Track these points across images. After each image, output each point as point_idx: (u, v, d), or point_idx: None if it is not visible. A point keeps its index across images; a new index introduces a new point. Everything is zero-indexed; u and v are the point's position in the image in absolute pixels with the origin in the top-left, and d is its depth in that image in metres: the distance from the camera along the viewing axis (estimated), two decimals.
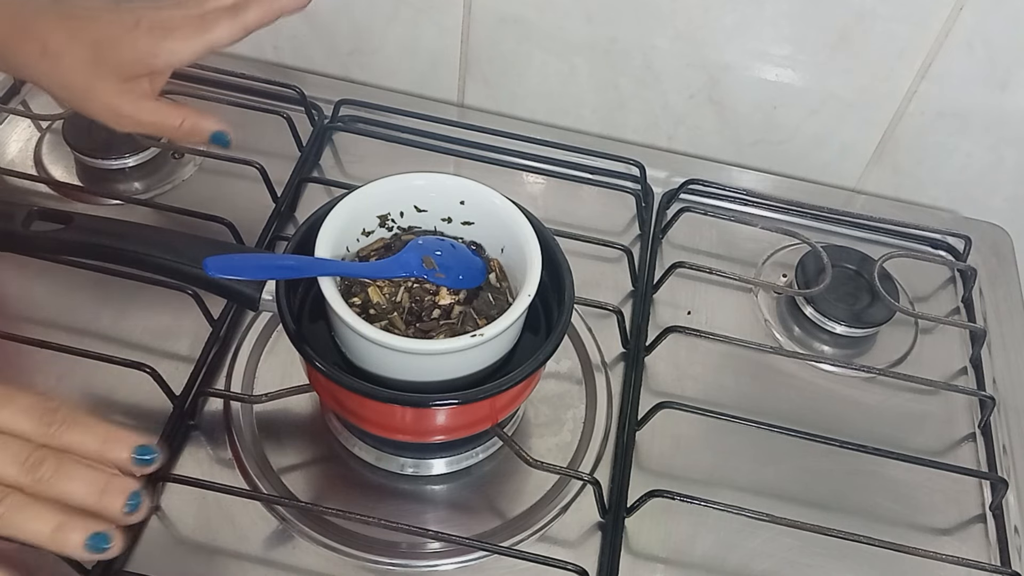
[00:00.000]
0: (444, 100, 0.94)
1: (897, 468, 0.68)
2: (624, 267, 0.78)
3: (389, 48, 0.91)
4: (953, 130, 0.86)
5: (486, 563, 0.61)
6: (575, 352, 0.73)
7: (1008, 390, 0.77)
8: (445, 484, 0.65)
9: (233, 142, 0.62)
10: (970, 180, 0.90)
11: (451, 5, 0.86)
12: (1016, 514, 0.69)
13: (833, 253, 0.80)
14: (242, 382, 0.68)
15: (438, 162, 0.84)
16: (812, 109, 0.87)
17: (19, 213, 0.59)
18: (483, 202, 0.62)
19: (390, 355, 0.55)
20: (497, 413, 0.60)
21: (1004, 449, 0.73)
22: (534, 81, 0.90)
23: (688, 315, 0.77)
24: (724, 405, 0.70)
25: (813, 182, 0.92)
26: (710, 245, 0.84)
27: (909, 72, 0.82)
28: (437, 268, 0.59)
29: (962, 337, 0.80)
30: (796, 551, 0.65)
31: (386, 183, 0.61)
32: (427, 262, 0.59)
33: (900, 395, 0.75)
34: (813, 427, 0.68)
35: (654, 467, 0.68)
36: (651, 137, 0.93)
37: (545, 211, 0.81)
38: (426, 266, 0.58)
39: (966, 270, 0.84)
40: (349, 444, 0.65)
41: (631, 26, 0.84)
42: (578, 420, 0.69)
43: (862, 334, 0.77)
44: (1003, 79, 0.81)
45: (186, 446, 0.64)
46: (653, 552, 0.63)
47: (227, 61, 0.89)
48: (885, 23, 0.79)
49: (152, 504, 0.53)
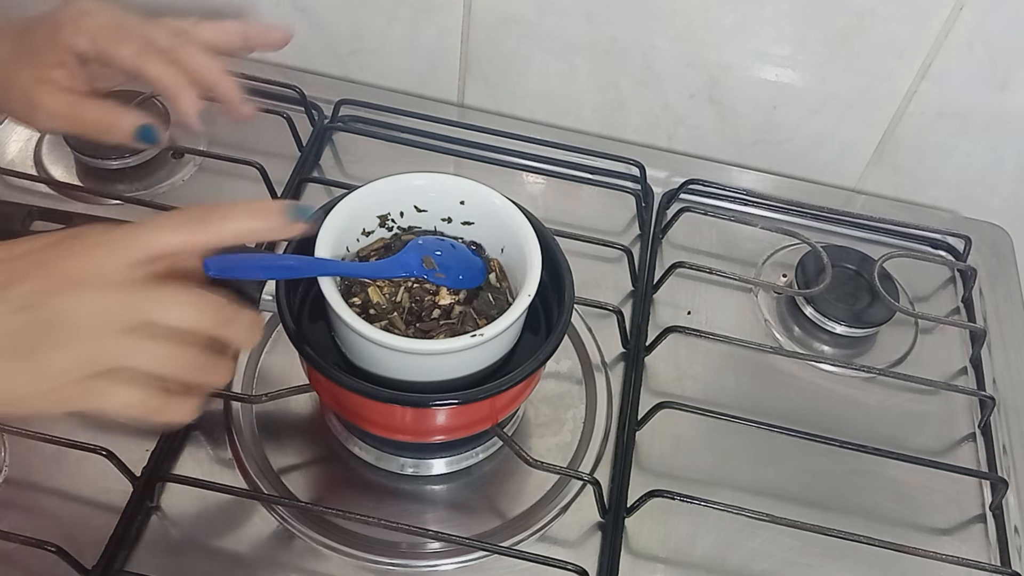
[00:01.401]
0: (444, 100, 0.94)
1: (897, 468, 0.68)
2: (624, 267, 0.78)
3: (389, 48, 0.91)
4: (953, 130, 0.86)
5: (486, 563, 0.61)
6: (575, 352, 0.73)
7: (1008, 390, 0.77)
8: (445, 484, 0.65)
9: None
10: (970, 180, 0.90)
11: (451, 5, 0.86)
12: (1016, 514, 0.69)
13: (833, 253, 0.80)
14: (242, 382, 0.68)
15: (438, 162, 0.84)
16: (812, 109, 0.87)
17: (19, 213, 0.59)
18: (483, 202, 0.62)
19: (390, 355, 0.55)
20: (497, 413, 0.60)
21: (1004, 449, 0.73)
22: (534, 81, 0.90)
23: (688, 315, 0.77)
24: (724, 405, 0.70)
25: (813, 182, 0.92)
26: (710, 245, 0.84)
27: (909, 72, 0.82)
28: (437, 268, 0.59)
29: (962, 337, 0.80)
30: (796, 551, 0.65)
31: (386, 183, 0.61)
32: (427, 262, 0.59)
33: (900, 395, 0.75)
34: (813, 427, 0.68)
35: (654, 467, 0.68)
36: (651, 137, 0.93)
37: (545, 211, 0.81)
38: (426, 266, 0.58)
39: (966, 270, 0.84)
40: (349, 444, 0.65)
41: (631, 26, 0.84)
42: (578, 420, 0.69)
43: (862, 334, 0.77)
44: (1003, 79, 0.81)
45: (186, 446, 0.64)
46: (653, 552, 0.63)
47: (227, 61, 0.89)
48: (885, 23, 0.79)
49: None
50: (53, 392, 0.42)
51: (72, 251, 0.43)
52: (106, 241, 0.43)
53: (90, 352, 0.41)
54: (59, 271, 0.42)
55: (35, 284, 0.42)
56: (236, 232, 0.45)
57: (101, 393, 0.42)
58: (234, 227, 0.45)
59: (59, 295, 0.41)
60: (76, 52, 0.56)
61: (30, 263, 0.43)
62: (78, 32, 0.56)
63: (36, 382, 0.41)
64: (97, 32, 0.56)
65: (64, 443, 0.60)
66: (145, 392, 0.43)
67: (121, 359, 0.42)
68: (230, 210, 0.46)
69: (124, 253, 0.43)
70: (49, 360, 0.41)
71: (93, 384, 0.42)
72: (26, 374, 0.41)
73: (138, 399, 0.43)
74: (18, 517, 0.60)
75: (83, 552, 0.57)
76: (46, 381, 0.41)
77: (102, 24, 0.56)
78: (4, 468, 0.62)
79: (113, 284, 0.42)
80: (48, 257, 0.43)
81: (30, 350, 0.41)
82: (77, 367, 0.41)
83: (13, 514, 0.60)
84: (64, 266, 0.42)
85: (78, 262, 0.42)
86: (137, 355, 0.42)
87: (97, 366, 0.42)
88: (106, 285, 0.42)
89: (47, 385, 0.41)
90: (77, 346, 0.41)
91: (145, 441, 0.63)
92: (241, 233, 0.46)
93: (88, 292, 0.41)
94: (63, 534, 0.58)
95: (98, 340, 0.41)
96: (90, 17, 0.56)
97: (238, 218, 0.45)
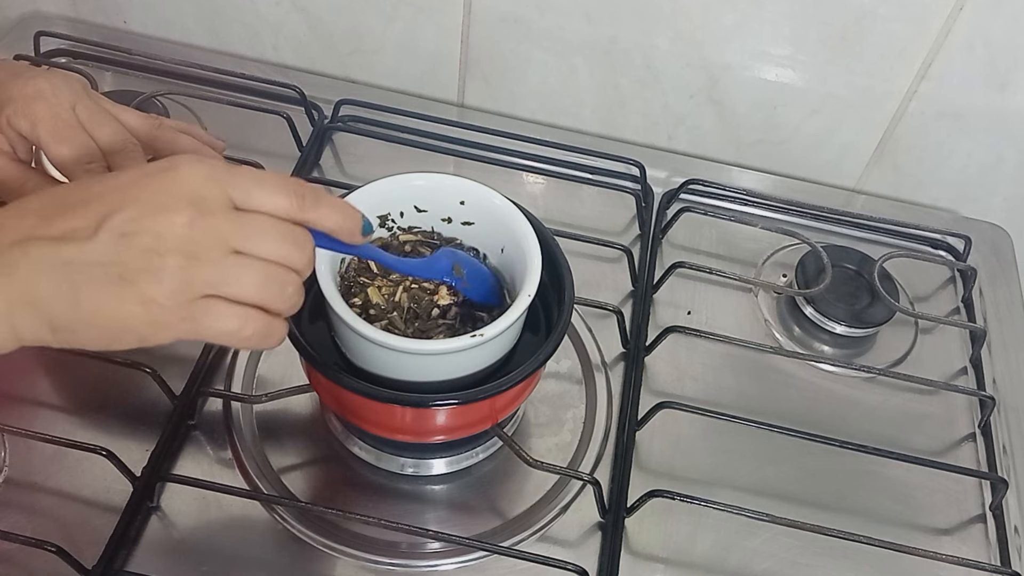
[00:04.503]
0: (444, 100, 0.94)
1: (897, 468, 0.68)
2: (624, 267, 0.78)
3: (389, 48, 0.91)
4: (953, 130, 0.86)
5: (486, 563, 0.61)
6: (575, 352, 0.73)
7: (1008, 390, 0.77)
8: (445, 484, 0.65)
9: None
10: (970, 180, 0.90)
11: (451, 5, 0.86)
12: (1016, 514, 0.69)
13: (833, 253, 0.80)
14: (242, 382, 0.68)
15: (438, 162, 0.84)
16: (812, 109, 0.87)
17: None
18: (483, 202, 0.62)
19: (390, 355, 0.55)
20: (497, 413, 0.60)
21: (1004, 449, 0.73)
22: (534, 81, 0.90)
23: (688, 315, 0.77)
24: (724, 405, 0.70)
25: (813, 182, 0.92)
26: (710, 245, 0.84)
27: (909, 72, 0.82)
28: (465, 277, 0.59)
29: (962, 337, 0.80)
30: (796, 551, 0.65)
31: (386, 183, 0.61)
32: (456, 270, 0.59)
33: (900, 395, 0.75)
34: (813, 427, 0.68)
35: (654, 467, 0.68)
36: (651, 137, 0.93)
37: (545, 211, 0.81)
38: (456, 274, 0.59)
39: (966, 270, 0.84)
40: (349, 444, 0.66)
41: (631, 26, 0.84)
42: (578, 420, 0.69)
43: (862, 334, 0.77)
44: (1003, 79, 0.81)
45: (186, 446, 0.64)
46: (653, 552, 0.64)
47: (227, 61, 0.89)
48: (885, 23, 0.79)
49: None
50: (158, 318, 0.42)
51: (170, 178, 0.43)
52: (205, 171, 0.43)
53: (191, 276, 0.42)
54: (157, 197, 0.42)
55: (134, 211, 0.42)
56: (329, 221, 0.47)
57: (206, 315, 0.43)
58: (328, 215, 0.46)
59: (159, 219, 0.42)
60: (16, 131, 0.55)
61: (130, 191, 0.43)
62: (23, 116, 0.55)
63: (140, 309, 0.42)
64: (40, 121, 0.55)
65: (64, 443, 0.60)
66: (246, 315, 0.44)
67: (221, 283, 0.43)
68: (326, 198, 0.47)
69: (222, 186, 0.43)
70: (151, 286, 0.41)
71: (196, 308, 0.42)
72: (131, 302, 0.41)
73: (240, 322, 0.44)
74: (18, 517, 0.60)
75: (83, 552, 0.57)
76: (150, 307, 0.42)
77: (50, 115, 0.55)
78: (4, 468, 0.62)
79: (209, 211, 0.42)
80: (147, 185, 0.43)
81: (132, 276, 0.41)
82: (179, 291, 0.42)
83: (13, 514, 0.60)
84: (162, 192, 0.42)
85: (176, 188, 0.43)
86: (238, 279, 0.43)
87: (198, 290, 0.42)
88: (203, 212, 0.42)
89: (152, 312, 0.42)
90: (178, 270, 0.41)
91: (145, 441, 0.63)
92: (330, 224, 0.47)
93: (186, 216, 0.42)
94: (63, 534, 0.58)
95: (198, 264, 0.42)
96: (41, 103, 0.55)
97: (334, 209, 0.47)
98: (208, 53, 0.93)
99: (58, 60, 0.88)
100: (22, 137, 0.55)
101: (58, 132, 0.55)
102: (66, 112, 0.55)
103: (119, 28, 0.94)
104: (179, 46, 0.93)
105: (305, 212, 0.45)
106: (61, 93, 0.56)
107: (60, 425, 0.64)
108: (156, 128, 0.60)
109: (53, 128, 0.55)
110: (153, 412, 0.65)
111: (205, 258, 0.42)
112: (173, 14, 0.92)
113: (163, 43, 0.93)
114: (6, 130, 0.55)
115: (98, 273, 0.41)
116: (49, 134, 0.55)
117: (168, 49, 0.89)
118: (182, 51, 0.90)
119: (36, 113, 0.55)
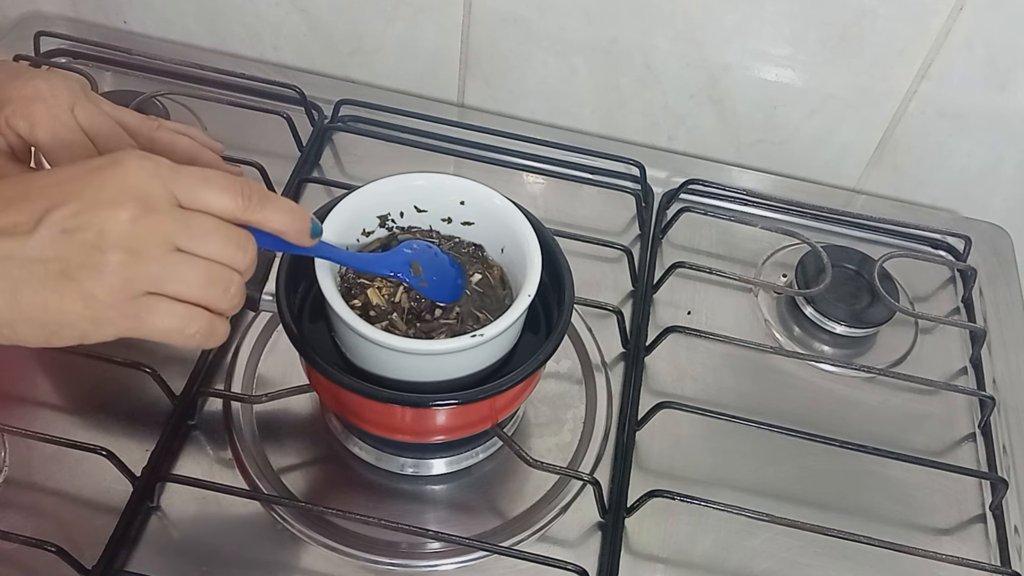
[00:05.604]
0: (444, 100, 0.94)
1: (897, 468, 0.68)
2: (624, 267, 0.78)
3: (389, 48, 0.91)
4: (953, 130, 0.86)
5: (486, 563, 0.61)
6: (575, 352, 0.73)
7: (1008, 390, 0.77)
8: (445, 484, 0.65)
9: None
10: (970, 180, 0.90)
11: (451, 5, 0.86)
12: (1016, 514, 0.69)
13: (833, 253, 0.80)
14: (242, 382, 0.68)
15: (438, 162, 0.84)
16: (812, 109, 0.87)
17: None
18: (483, 202, 0.62)
19: (390, 355, 0.55)
20: (497, 413, 0.60)
21: (1004, 449, 0.73)
22: (534, 81, 0.90)
23: (688, 315, 0.77)
24: (724, 405, 0.70)
25: (813, 182, 0.92)
26: (710, 245, 0.84)
27: (909, 72, 0.82)
28: (423, 276, 0.58)
29: (962, 337, 0.80)
30: (796, 551, 0.65)
31: (386, 183, 0.61)
32: (415, 268, 0.58)
33: (900, 395, 0.75)
34: (813, 427, 0.68)
35: (654, 467, 0.68)
36: (651, 137, 0.93)
37: (545, 211, 0.81)
38: (413, 271, 0.58)
39: (966, 270, 0.84)
40: (349, 444, 0.66)
41: (631, 26, 0.84)
42: (578, 420, 0.69)
43: (862, 334, 0.77)
44: (1003, 79, 0.81)
45: (186, 446, 0.64)
46: (653, 552, 0.64)
47: (227, 61, 0.89)
48: (885, 23, 0.79)
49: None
50: (99, 315, 0.42)
51: (115, 174, 0.43)
52: (150, 167, 0.43)
53: (133, 273, 0.42)
54: (101, 193, 0.42)
55: (76, 205, 0.41)
56: (276, 223, 0.47)
57: (149, 313, 0.43)
58: (275, 217, 0.46)
59: (101, 215, 0.41)
60: (15, 132, 0.55)
61: (73, 186, 0.42)
62: (21, 117, 0.55)
63: (81, 306, 0.41)
64: (39, 123, 0.55)
65: (64, 443, 0.60)
66: (189, 313, 0.44)
67: (164, 281, 0.43)
68: (273, 199, 0.46)
69: (167, 183, 0.43)
70: (92, 282, 0.41)
71: (138, 305, 0.42)
72: (71, 298, 0.41)
73: (184, 321, 0.44)
74: (18, 517, 0.60)
75: (83, 552, 0.57)
76: (91, 304, 0.42)
77: (48, 117, 0.55)
78: (4, 468, 0.62)
79: (153, 208, 0.42)
80: (91, 180, 0.42)
81: (74, 273, 0.41)
82: (121, 288, 0.42)
83: (13, 514, 0.60)
84: (106, 188, 0.42)
85: (120, 183, 0.42)
86: (182, 277, 0.43)
87: (140, 287, 0.42)
88: (147, 209, 0.42)
89: (93, 308, 0.42)
90: (120, 267, 0.41)
91: (145, 441, 0.63)
92: (277, 225, 0.47)
93: (129, 213, 0.42)
94: (63, 534, 0.58)
95: (141, 261, 0.42)
96: (39, 104, 0.55)
97: (280, 210, 0.47)
98: (208, 53, 0.93)
99: (58, 60, 0.88)
100: (20, 138, 0.55)
101: (56, 134, 0.55)
102: (65, 114, 0.55)
103: (119, 28, 0.94)
104: (179, 46, 0.93)
105: (251, 213, 0.45)
106: (60, 95, 0.56)
107: (60, 425, 0.64)
108: (155, 130, 0.60)
109: (51, 130, 0.55)
110: (153, 412, 0.65)
111: (148, 255, 0.42)
112: (173, 14, 0.92)
113: (163, 43, 0.93)
114: (4, 131, 0.55)
115: (38, 269, 0.41)
116: (47, 136, 0.55)
117: (168, 49, 0.89)
118: (182, 51, 0.90)
119: (35, 115, 0.55)
